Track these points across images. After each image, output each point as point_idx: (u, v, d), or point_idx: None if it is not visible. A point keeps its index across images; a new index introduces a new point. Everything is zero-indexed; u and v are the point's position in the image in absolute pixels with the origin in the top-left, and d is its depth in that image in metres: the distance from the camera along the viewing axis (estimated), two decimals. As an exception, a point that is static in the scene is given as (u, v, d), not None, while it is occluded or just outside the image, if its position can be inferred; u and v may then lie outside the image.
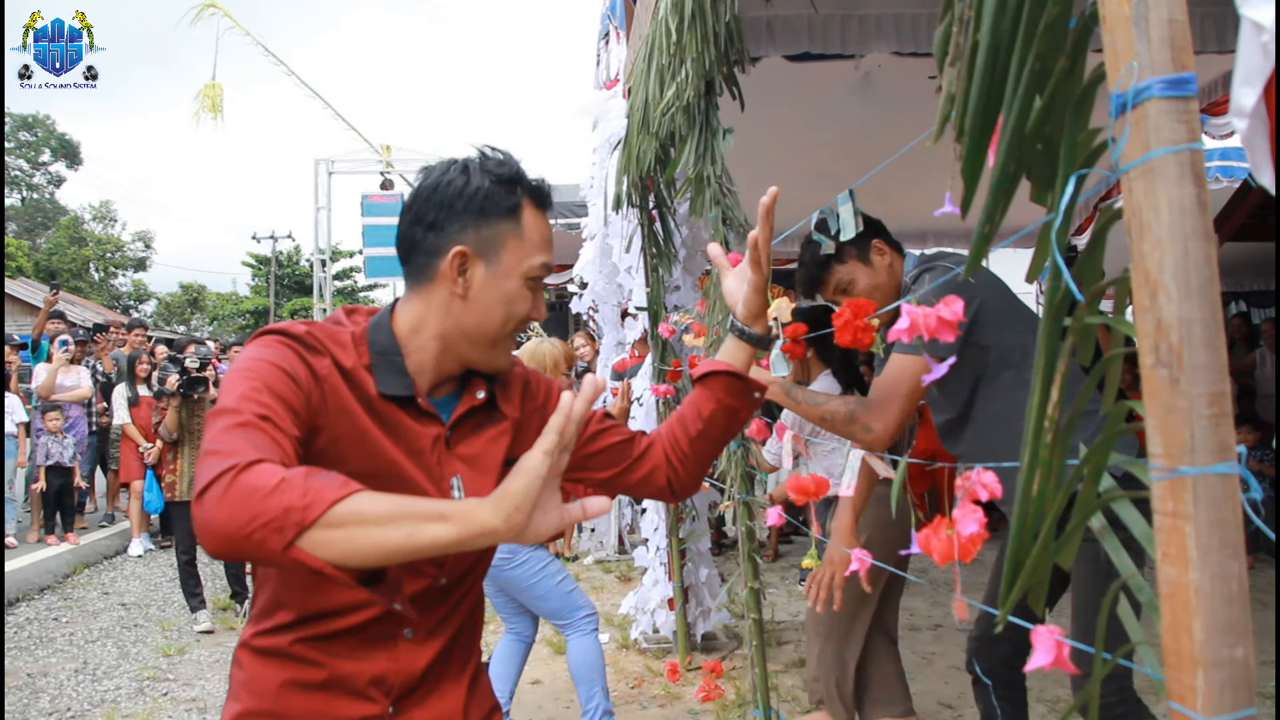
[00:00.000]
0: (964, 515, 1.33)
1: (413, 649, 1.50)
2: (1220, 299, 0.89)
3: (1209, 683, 0.87)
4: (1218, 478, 0.87)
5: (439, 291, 1.49)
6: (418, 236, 1.49)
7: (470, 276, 1.48)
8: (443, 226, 1.47)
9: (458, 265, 1.46)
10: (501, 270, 1.49)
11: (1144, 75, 0.89)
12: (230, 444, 1.18)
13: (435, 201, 1.48)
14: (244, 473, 1.12)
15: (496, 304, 1.49)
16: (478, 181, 1.48)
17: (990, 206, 1.04)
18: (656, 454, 1.74)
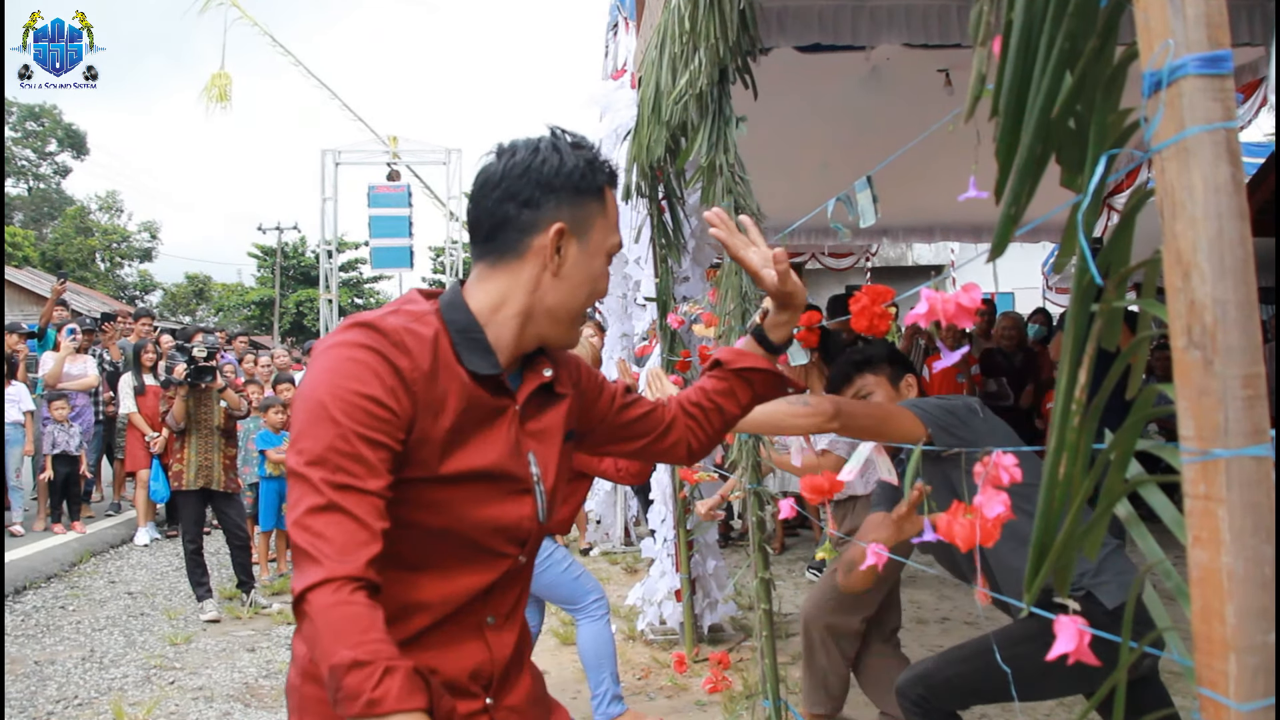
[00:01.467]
0: (987, 499, 1.32)
1: (498, 636, 1.51)
2: (1255, 279, 0.88)
3: (1241, 668, 0.86)
4: (1252, 460, 0.86)
5: (527, 268, 1.50)
6: (510, 213, 1.49)
7: (565, 253, 1.50)
8: (539, 204, 1.48)
9: (554, 241, 1.48)
10: (591, 248, 1.53)
11: (1179, 53, 0.88)
12: (325, 535, 1.24)
13: (531, 179, 1.48)
14: (337, 608, 1.20)
15: (584, 281, 1.53)
16: (572, 161, 1.50)
17: (1017, 188, 1.02)
18: (680, 426, 1.82)
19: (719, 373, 1.87)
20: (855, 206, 2.36)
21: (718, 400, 1.84)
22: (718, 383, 1.85)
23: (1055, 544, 1.03)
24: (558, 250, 1.49)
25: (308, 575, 1.22)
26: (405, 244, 17.61)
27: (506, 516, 1.48)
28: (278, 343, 29.22)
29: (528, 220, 1.48)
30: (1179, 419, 0.91)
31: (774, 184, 7.07)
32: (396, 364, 1.36)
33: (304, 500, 1.27)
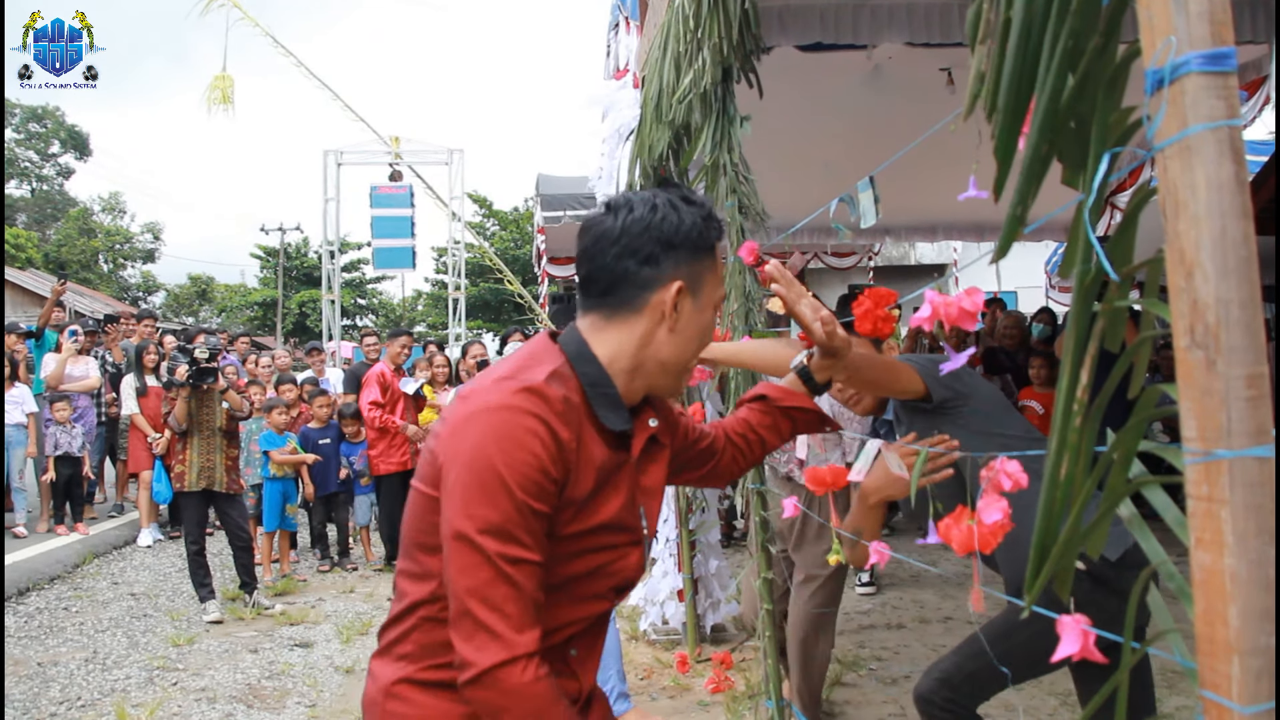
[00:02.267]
0: (987, 505, 1.32)
1: (582, 666, 1.55)
2: (1259, 280, 0.87)
3: (1245, 671, 0.85)
4: (1255, 461, 0.85)
5: (642, 323, 1.52)
6: (630, 270, 1.51)
7: (681, 309, 1.52)
8: (659, 261, 1.50)
9: (674, 299, 1.51)
10: (703, 302, 1.56)
11: (1182, 50, 0.87)
12: (504, 610, 1.31)
13: (651, 236, 1.50)
14: (531, 686, 1.30)
15: (696, 335, 1.57)
16: (690, 219, 1.52)
17: (1022, 188, 1.02)
18: (727, 455, 1.91)
19: (764, 406, 1.96)
20: (857, 207, 2.36)
21: (762, 433, 1.95)
22: (763, 416, 1.95)
23: (1057, 545, 1.02)
24: (675, 307, 1.51)
25: (490, 651, 1.29)
26: (408, 244, 17.61)
27: (619, 568, 1.53)
28: (281, 343, 29.26)
29: (648, 277, 1.50)
30: (1181, 419, 0.90)
31: (776, 184, 7.04)
32: (559, 436, 1.38)
33: (479, 571, 1.32)
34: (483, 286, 30.30)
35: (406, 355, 8.33)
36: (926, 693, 2.66)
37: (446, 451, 1.40)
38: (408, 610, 1.48)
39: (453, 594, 1.34)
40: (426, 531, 1.44)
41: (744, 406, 1.99)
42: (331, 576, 7.86)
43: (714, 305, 1.60)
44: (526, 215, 28.63)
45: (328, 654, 5.60)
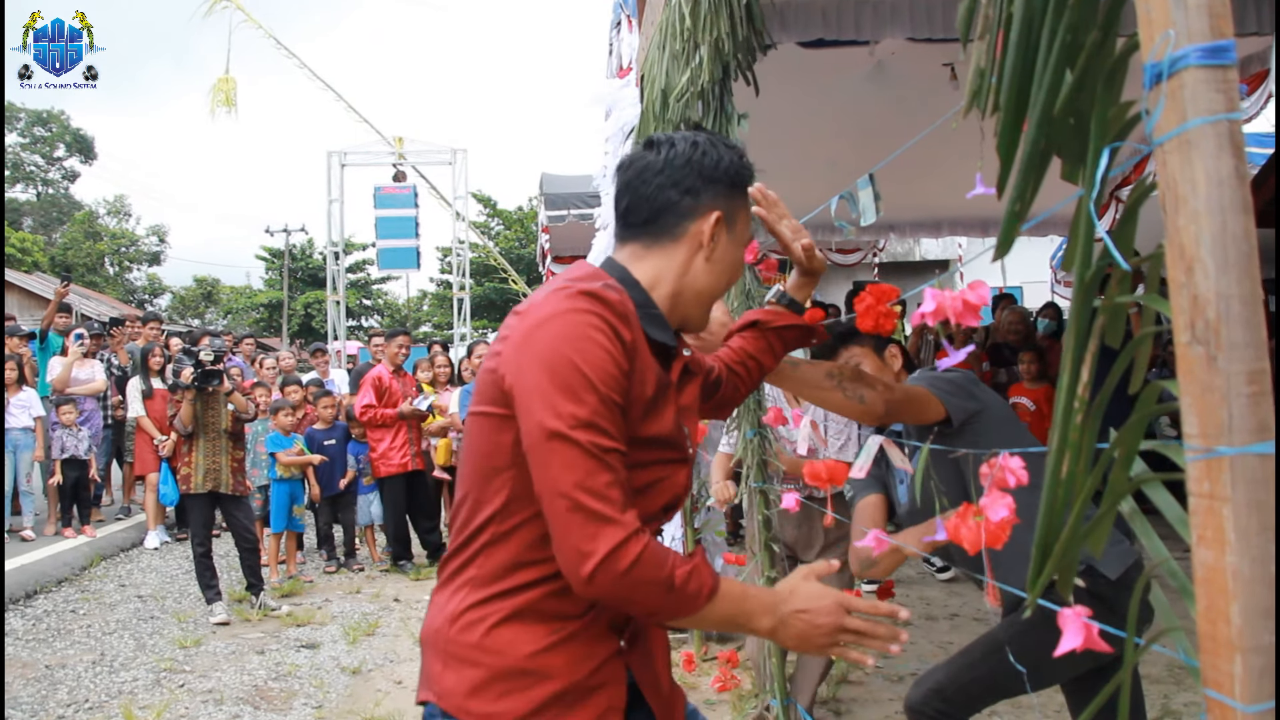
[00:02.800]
0: (992, 501, 1.31)
1: None
2: (1260, 274, 0.86)
3: (1248, 669, 0.84)
4: (1257, 458, 0.84)
5: (681, 251, 1.60)
6: (673, 199, 1.59)
7: (718, 239, 1.61)
8: (700, 192, 1.59)
9: (711, 229, 1.59)
10: (737, 237, 1.65)
11: (1181, 43, 0.86)
12: (610, 497, 1.34)
13: (694, 169, 1.59)
14: (649, 550, 1.35)
15: (730, 267, 1.66)
16: (729, 157, 1.62)
17: (1021, 184, 1.01)
18: (727, 384, 1.97)
19: (756, 332, 2.04)
20: (857, 204, 2.35)
21: (759, 358, 2.03)
22: (757, 340, 2.04)
23: (1058, 543, 1.02)
24: (713, 236, 1.59)
25: (608, 535, 1.33)
26: (412, 245, 17.60)
27: (670, 484, 1.58)
28: (286, 344, 29.28)
29: (688, 206, 1.59)
30: (1182, 416, 0.89)
31: (780, 181, 6.97)
32: (622, 335, 1.43)
33: (581, 464, 1.34)
34: (488, 286, 30.35)
35: (405, 355, 8.33)
36: (918, 704, 2.63)
37: (516, 363, 1.42)
38: (476, 532, 1.49)
39: (555, 494, 1.35)
40: (493, 454, 1.46)
41: (736, 335, 2.06)
42: (338, 577, 7.87)
43: (746, 244, 1.68)
44: (531, 214, 28.65)
45: (334, 655, 5.60)
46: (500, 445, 1.45)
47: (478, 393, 1.51)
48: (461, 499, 1.53)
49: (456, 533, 1.53)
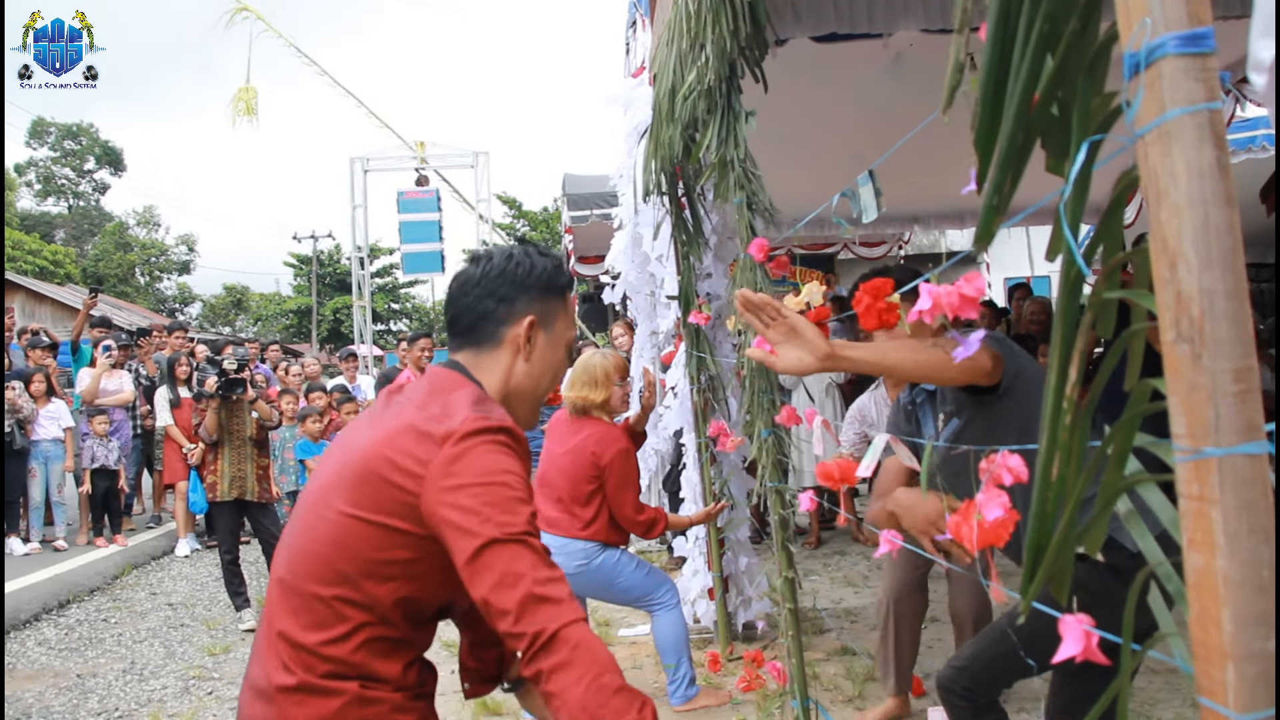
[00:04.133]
0: (988, 500, 1.28)
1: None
2: (1245, 269, 0.83)
3: (1240, 677, 0.81)
4: (1245, 459, 0.81)
5: (504, 356, 1.77)
6: (489, 308, 1.76)
7: (534, 342, 1.77)
8: (514, 300, 1.76)
9: (527, 331, 1.76)
10: (555, 338, 1.81)
11: (1157, 31, 0.84)
12: (557, 587, 1.50)
13: (508, 279, 1.76)
14: (593, 641, 1.47)
15: (549, 367, 1.82)
16: (541, 265, 1.79)
17: (998, 178, 0.99)
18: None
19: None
20: (858, 201, 2.32)
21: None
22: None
23: (1050, 546, 0.99)
24: (529, 340, 1.76)
25: (561, 612, 1.46)
26: (436, 248, 17.62)
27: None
28: (316, 350, 29.46)
29: (504, 313, 1.76)
30: (1170, 416, 0.87)
31: (803, 175, 7.00)
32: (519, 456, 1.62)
33: (529, 563, 1.49)
34: (514, 288, 30.36)
35: (429, 357, 8.34)
36: (946, 681, 2.67)
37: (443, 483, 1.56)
38: (353, 631, 1.59)
39: (523, 588, 1.48)
40: (377, 561, 1.58)
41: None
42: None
43: (566, 343, 1.84)
44: (556, 215, 28.66)
45: (361, 660, 5.62)
46: (388, 554, 1.58)
47: (368, 498, 1.58)
48: (338, 594, 1.60)
49: (333, 624, 1.60)
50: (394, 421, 1.63)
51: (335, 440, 1.86)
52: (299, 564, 1.62)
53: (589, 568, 3.99)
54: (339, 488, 1.61)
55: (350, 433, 1.77)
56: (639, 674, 4.89)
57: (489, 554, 1.48)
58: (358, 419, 1.84)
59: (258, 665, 1.64)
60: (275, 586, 1.66)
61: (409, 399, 1.69)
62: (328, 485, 1.64)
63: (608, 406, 4.19)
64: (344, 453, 1.68)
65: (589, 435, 4.10)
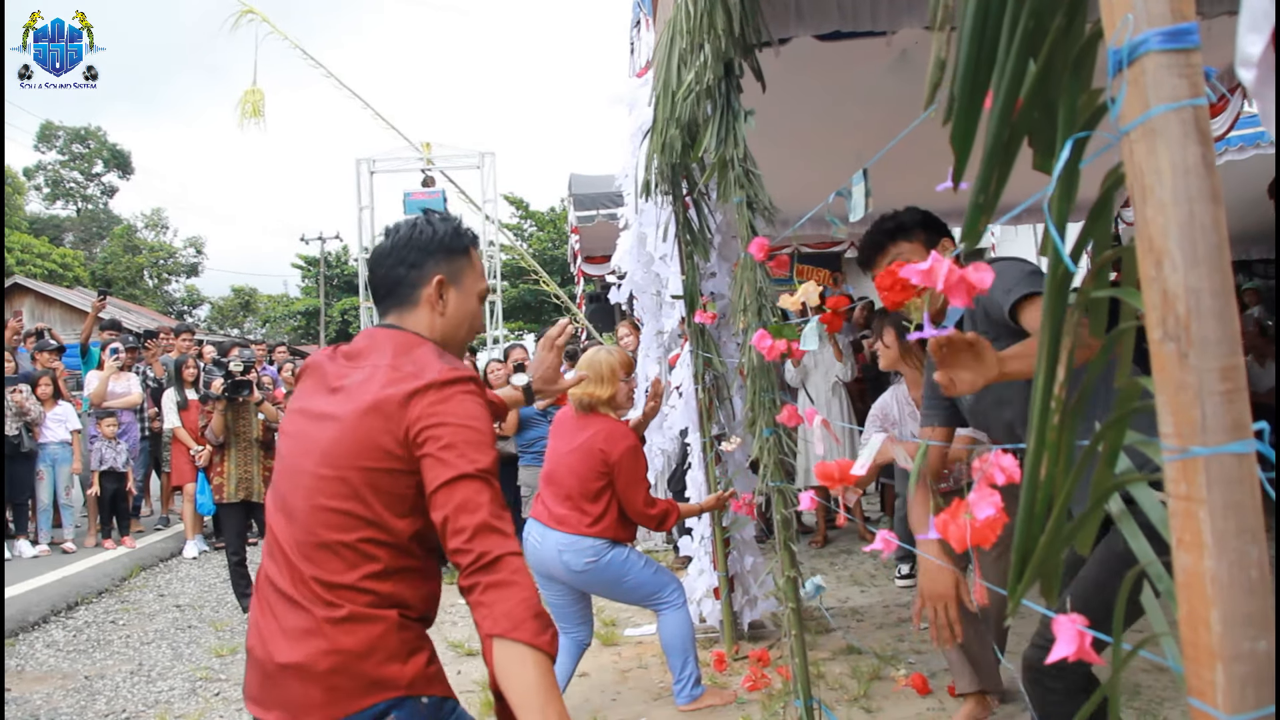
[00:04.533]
0: (980, 498, 1.28)
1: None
2: (1231, 266, 0.83)
3: (1229, 678, 0.81)
4: (1233, 458, 0.81)
5: (422, 313, 2.00)
6: (402, 274, 2.00)
7: (447, 298, 2.01)
8: (422, 264, 1.99)
9: (437, 290, 1.99)
10: (465, 291, 2.04)
11: (1140, 28, 0.83)
12: (506, 520, 1.74)
13: (413, 246, 2.00)
14: (526, 569, 1.72)
15: (465, 317, 2.05)
16: (443, 229, 2.03)
17: (984, 176, 0.98)
18: None
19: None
20: (849, 199, 2.31)
21: None
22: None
23: (1039, 547, 0.98)
24: (441, 296, 2.00)
25: (508, 543, 1.70)
26: (443, 249, 17.65)
27: None
28: (324, 351, 29.45)
29: (415, 277, 1.99)
30: (1158, 415, 0.86)
31: (808, 174, 6.98)
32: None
33: (490, 497, 1.73)
34: (522, 288, 30.40)
35: None
36: (1034, 662, 2.45)
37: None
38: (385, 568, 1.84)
39: (482, 514, 1.72)
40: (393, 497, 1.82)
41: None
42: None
43: (478, 295, 2.07)
44: (563, 215, 28.66)
45: (368, 661, 5.62)
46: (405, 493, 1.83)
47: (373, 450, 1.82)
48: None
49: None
50: (375, 382, 1.84)
51: (296, 409, 2.00)
52: (313, 520, 1.81)
53: (598, 565, 3.97)
54: (338, 448, 1.81)
55: (313, 398, 1.95)
56: (644, 673, 4.89)
57: (460, 484, 1.71)
58: (306, 385, 2.03)
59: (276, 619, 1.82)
60: (288, 547, 1.83)
61: (378, 361, 1.89)
62: (322, 447, 1.83)
63: (614, 402, 4.16)
64: (325, 418, 1.87)
65: (596, 432, 4.08)
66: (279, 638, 1.79)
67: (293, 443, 1.93)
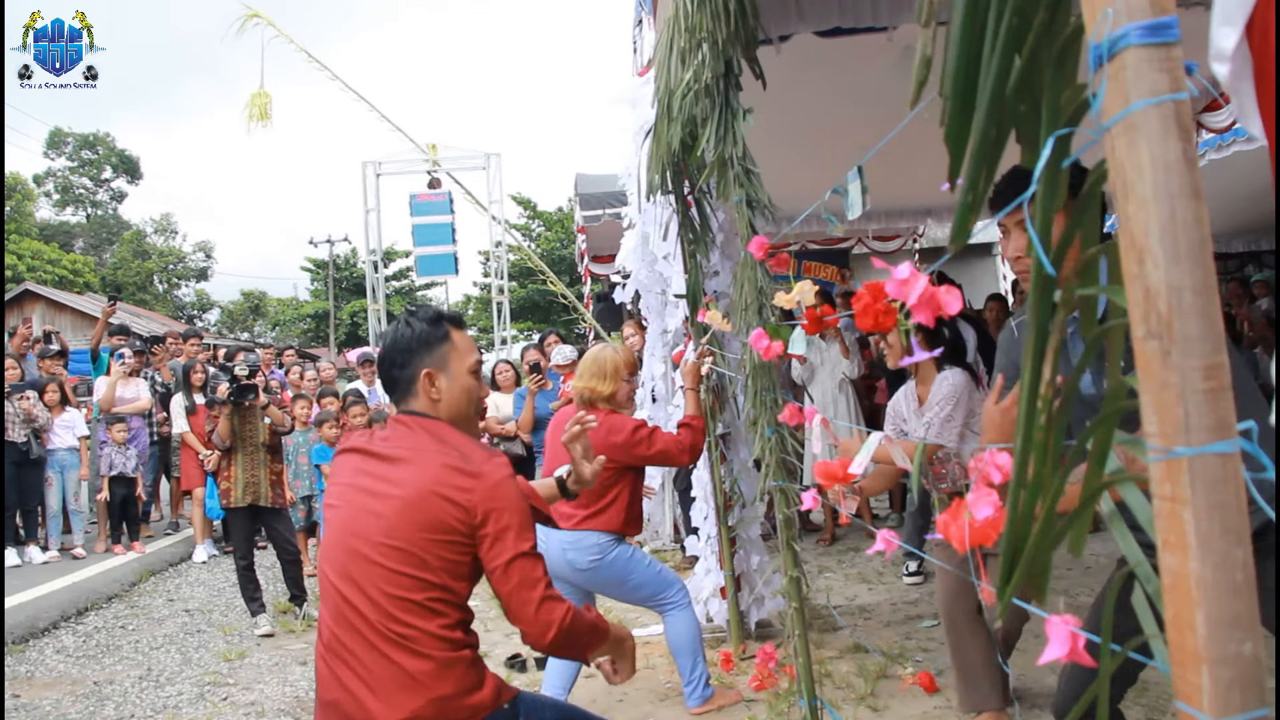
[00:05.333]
0: (978, 498, 1.26)
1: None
2: (1214, 263, 0.82)
3: (1215, 681, 0.80)
4: (1216, 458, 0.80)
5: (424, 400, 2.26)
6: (395, 374, 2.28)
7: (438, 385, 2.25)
8: (407, 363, 2.26)
9: (427, 381, 2.24)
10: (454, 374, 2.27)
11: (1120, 22, 0.82)
12: (556, 591, 2.17)
13: (397, 349, 2.27)
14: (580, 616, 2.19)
15: (460, 395, 2.28)
16: (419, 327, 2.27)
17: (973, 174, 0.97)
18: None
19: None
20: (845, 198, 2.30)
21: None
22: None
23: (1027, 548, 0.97)
24: (433, 384, 2.24)
25: (562, 605, 2.14)
26: (450, 251, 17.64)
27: None
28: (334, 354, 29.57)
29: (408, 375, 2.26)
30: (1143, 414, 0.85)
31: (810, 170, 6.97)
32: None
33: (541, 569, 2.13)
34: (530, 288, 30.44)
35: None
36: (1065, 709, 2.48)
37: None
38: (454, 621, 2.16)
39: (535, 594, 2.12)
40: (453, 564, 2.13)
41: None
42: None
43: (469, 371, 2.29)
44: (570, 215, 28.67)
45: (376, 664, 5.62)
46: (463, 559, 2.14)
47: (434, 523, 2.10)
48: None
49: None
50: (430, 465, 2.12)
51: (344, 484, 2.27)
52: (384, 583, 2.07)
53: (602, 563, 3.95)
54: (403, 520, 2.08)
55: (361, 476, 2.22)
56: (652, 674, 4.88)
57: (516, 564, 2.08)
58: (350, 463, 2.28)
59: (361, 676, 2.07)
60: (363, 609, 2.09)
61: (419, 444, 2.17)
62: (386, 520, 2.10)
63: (614, 400, 4.12)
64: (382, 495, 2.14)
65: (598, 426, 4.07)
66: (371, 696, 2.06)
67: (345, 514, 2.20)
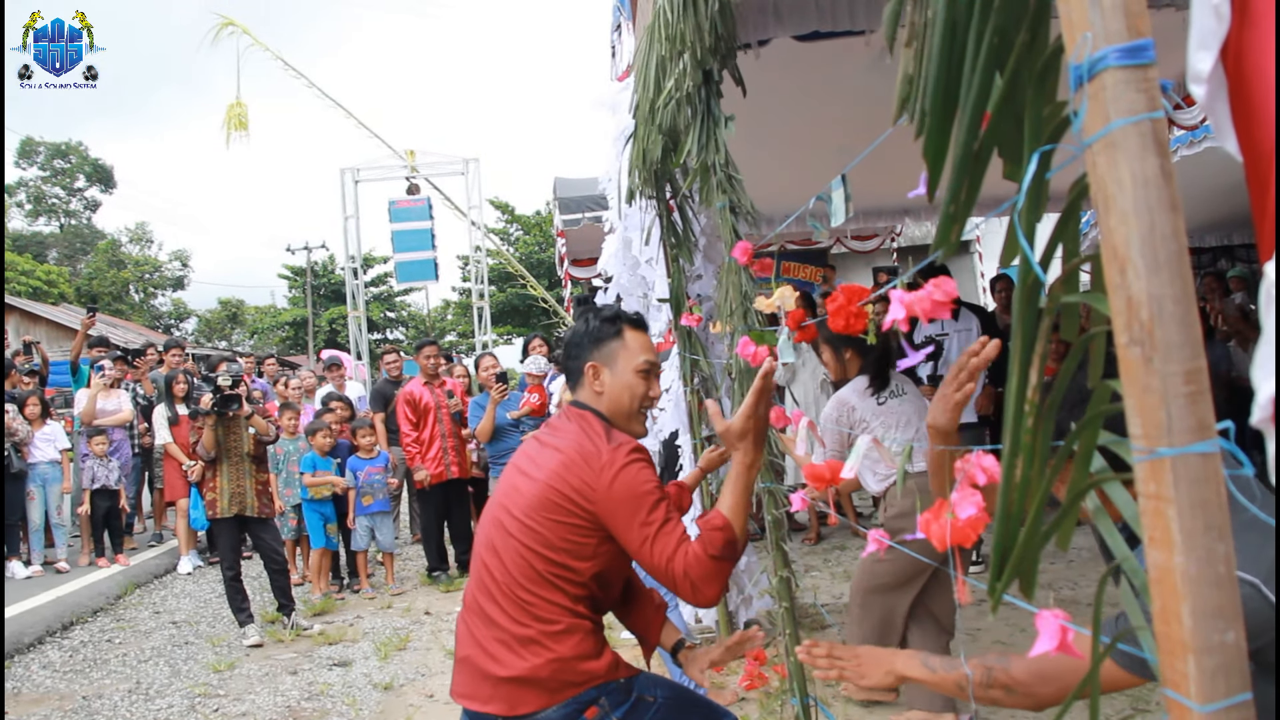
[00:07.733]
0: (962, 498, 1.30)
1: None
2: (1191, 273, 0.86)
3: (1200, 669, 0.84)
4: (1198, 458, 0.84)
5: (589, 392, 2.45)
6: (570, 365, 2.50)
7: (601, 378, 2.44)
8: (579, 356, 2.47)
9: (592, 374, 2.44)
10: (619, 370, 2.44)
11: (1099, 44, 0.86)
12: (686, 533, 2.20)
13: (574, 342, 2.49)
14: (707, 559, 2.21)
15: (622, 390, 2.43)
16: (594, 324, 2.48)
17: (955, 185, 1.01)
18: None
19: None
20: (829, 204, 2.34)
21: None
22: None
23: (1015, 548, 1.01)
24: (597, 377, 2.43)
25: (698, 548, 2.17)
26: (429, 256, 17.67)
27: None
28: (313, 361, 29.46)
29: (580, 365, 2.46)
30: (1127, 417, 0.89)
31: (791, 173, 7.02)
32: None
33: (677, 534, 2.17)
34: (510, 292, 30.43)
35: (435, 364, 8.31)
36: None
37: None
38: (576, 595, 2.30)
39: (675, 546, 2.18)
40: (575, 544, 2.25)
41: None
42: (369, 592, 7.89)
43: (634, 370, 2.43)
44: (548, 219, 28.66)
45: (366, 671, 5.64)
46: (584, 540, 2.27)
47: (560, 507, 2.26)
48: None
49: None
50: (565, 453, 2.27)
51: (513, 464, 2.48)
52: (518, 556, 2.25)
53: None
54: (536, 501, 2.25)
55: (523, 459, 2.43)
56: (642, 676, 4.91)
57: (654, 540, 2.15)
58: (527, 448, 2.48)
59: (493, 632, 2.26)
60: (499, 577, 2.27)
61: (568, 432, 2.34)
62: (526, 499, 2.28)
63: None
64: (530, 477, 2.32)
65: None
66: (497, 650, 2.24)
67: (502, 489, 2.41)
